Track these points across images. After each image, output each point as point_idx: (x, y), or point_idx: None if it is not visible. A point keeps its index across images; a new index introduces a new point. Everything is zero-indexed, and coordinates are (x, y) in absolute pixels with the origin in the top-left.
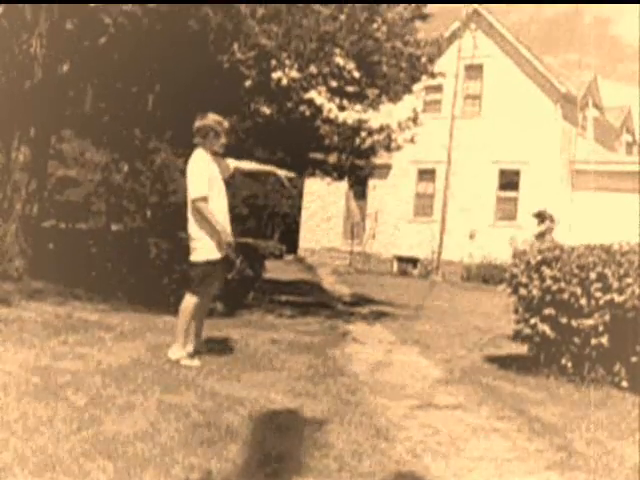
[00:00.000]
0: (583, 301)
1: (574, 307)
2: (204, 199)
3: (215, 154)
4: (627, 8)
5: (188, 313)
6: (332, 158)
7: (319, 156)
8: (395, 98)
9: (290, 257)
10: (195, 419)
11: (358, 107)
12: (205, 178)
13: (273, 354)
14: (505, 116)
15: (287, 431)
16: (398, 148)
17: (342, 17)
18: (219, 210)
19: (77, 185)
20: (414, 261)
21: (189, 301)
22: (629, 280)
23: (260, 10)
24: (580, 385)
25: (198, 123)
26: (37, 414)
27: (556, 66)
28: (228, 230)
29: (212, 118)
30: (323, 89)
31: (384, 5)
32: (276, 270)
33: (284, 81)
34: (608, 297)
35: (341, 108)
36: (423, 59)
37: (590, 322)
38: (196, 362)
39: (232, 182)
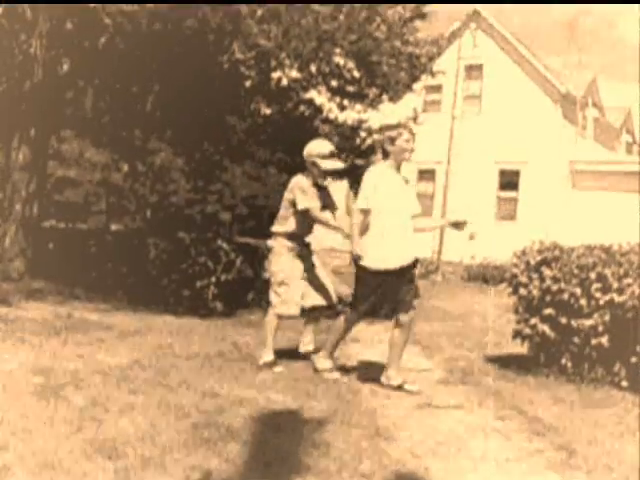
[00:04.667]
0: (583, 301)
1: (574, 307)
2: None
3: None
4: (630, 9)
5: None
6: None
7: None
8: (395, 97)
9: None
10: (195, 419)
11: (358, 107)
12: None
13: None
14: (505, 116)
15: (287, 431)
16: None
17: (341, 17)
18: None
19: (77, 185)
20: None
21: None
22: (629, 280)
23: (259, 10)
24: (580, 385)
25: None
26: (37, 414)
27: (557, 66)
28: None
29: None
30: (323, 89)
31: (383, 4)
32: None
33: (284, 81)
34: (608, 297)
35: (341, 108)
36: (423, 58)
37: (590, 322)
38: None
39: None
